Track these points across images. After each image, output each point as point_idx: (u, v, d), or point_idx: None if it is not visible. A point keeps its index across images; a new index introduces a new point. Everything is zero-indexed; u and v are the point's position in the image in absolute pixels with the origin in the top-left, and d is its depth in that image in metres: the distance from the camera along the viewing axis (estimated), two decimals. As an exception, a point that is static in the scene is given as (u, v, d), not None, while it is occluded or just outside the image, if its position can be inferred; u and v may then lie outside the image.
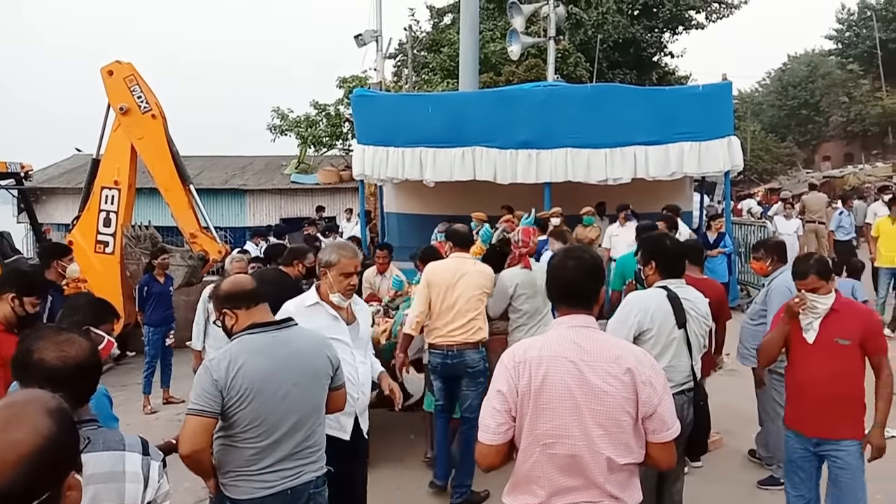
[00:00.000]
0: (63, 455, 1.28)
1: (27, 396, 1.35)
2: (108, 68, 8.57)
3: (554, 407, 2.20)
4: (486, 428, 2.26)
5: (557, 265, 2.44)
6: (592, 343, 2.28)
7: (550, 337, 2.34)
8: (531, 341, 2.36)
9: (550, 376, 2.21)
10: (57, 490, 1.26)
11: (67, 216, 15.33)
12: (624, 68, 24.68)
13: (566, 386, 2.20)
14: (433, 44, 24.06)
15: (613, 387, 2.20)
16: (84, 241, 8.64)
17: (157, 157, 8.57)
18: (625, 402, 2.20)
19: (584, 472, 2.20)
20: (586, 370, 2.21)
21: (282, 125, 21.12)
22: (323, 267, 3.47)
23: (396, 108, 11.11)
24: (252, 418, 2.63)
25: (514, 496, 2.34)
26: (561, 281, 2.40)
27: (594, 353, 2.25)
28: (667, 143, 9.84)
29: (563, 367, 2.22)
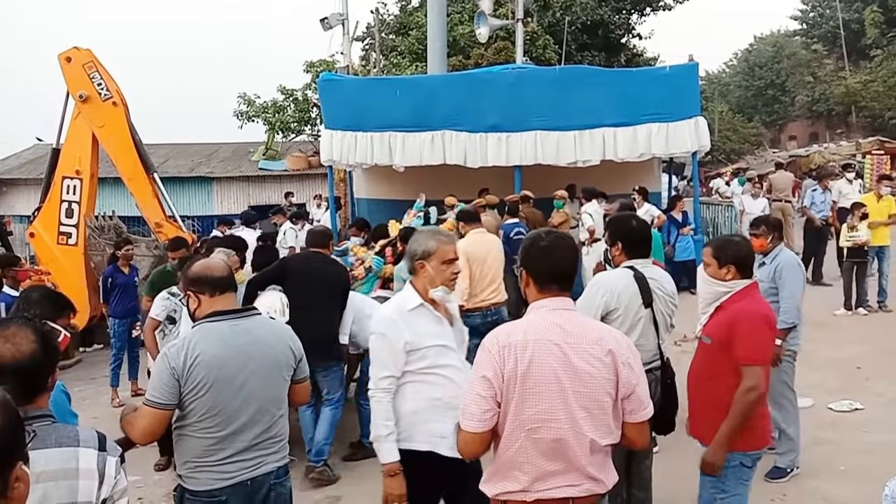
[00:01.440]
0: (9, 445, 1.27)
1: None
2: (66, 55, 8.34)
3: (540, 391, 2.19)
4: (471, 415, 2.23)
5: (549, 247, 2.37)
6: (575, 325, 2.28)
7: (533, 320, 2.31)
8: (513, 325, 2.34)
9: (537, 360, 2.20)
10: (3, 481, 1.25)
11: (29, 207, 14.97)
12: (592, 50, 24.69)
13: (552, 369, 2.19)
14: (401, 27, 23.85)
15: (596, 369, 2.21)
16: (46, 232, 8.45)
17: (119, 145, 8.38)
18: (606, 384, 2.22)
19: (567, 455, 2.21)
20: (570, 353, 2.21)
21: (249, 111, 20.81)
22: (419, 259, 3.00)
23: (364, 92, 11.00)
24: (209, 408, 2.59)
25: (494, 483, 2.32)
26: (552, 263, 2.35)
27: (577, 335, 2.25)
28: (634, 124, 9.89)
29: (549, 350, 2.21)
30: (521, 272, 2.43)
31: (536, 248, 2.39)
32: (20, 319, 2.01)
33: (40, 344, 1.92)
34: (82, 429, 1.96)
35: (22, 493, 1.30)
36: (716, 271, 3.29)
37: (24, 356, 1.87)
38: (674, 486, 4.26)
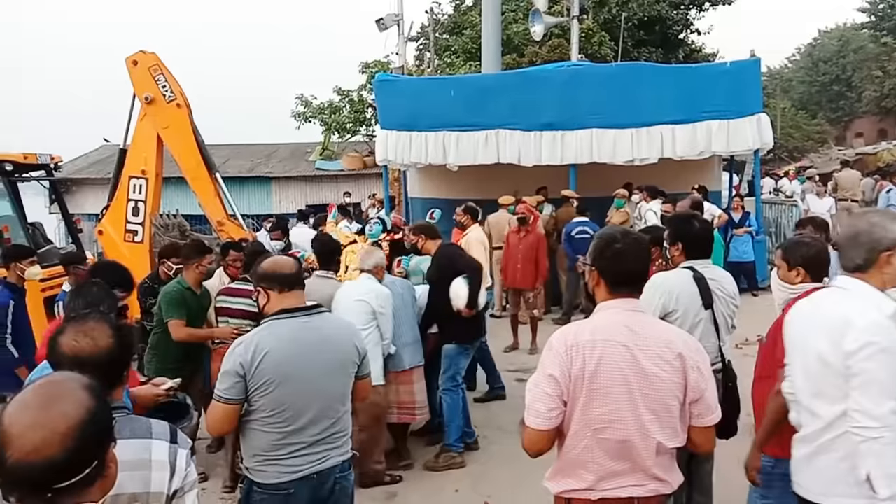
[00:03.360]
0: (105, 427, 1.36)
1: (62, 376, 1.43)
2: (133, 58, 8.61)
3: (608, 392, 2.19)
4: (538, 413, 2.24)
5: (625, 249, 2.34)
6: (644, 328, 2.27)
7: (601, 321, 2.30)
8: (580, 325, 2.34)
9: (605, 361, 2.20)
10: (103, 460, 1.33)
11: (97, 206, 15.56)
12: (649, 46, 24.28)
13: (620, 370, 2.20)
14: (455, 26, 23.89)
15: (665, 372, 2.21)
16: (113, 230, 8.74)
17: (183, 145, 8.61)
18: (675, 387, 2.22)
19: (632, 456, 2.21)
20: (639, 355, 2.20)
21: (306, 112, 21.19)
22: (885, 249, 2.33)
23: (419, 92, 11.09)
24: (277, 404, 2.65)
25: (559, 481, 2.33)
26: (625, 266, 2.34)
27: (646, 337, 2.24)
28: (694, 121, 9.72)
29: (617, 351, 2.21)
30: (591, 272, 2.40)
31: (611, 249, 2.36)
32: (98, 315, 2.11)
33: (117, 339, 2.01)
34: (155, 422, 2.03)
35: (114, 473, 1.38)
36: (786, 273, 3.15)
37: (102, 350, 1.96)
38: (732, 492, 4.16)
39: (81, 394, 1.34)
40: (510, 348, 8.24)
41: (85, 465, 1.28)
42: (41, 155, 9.39)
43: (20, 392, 1.36)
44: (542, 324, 8.71)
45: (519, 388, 7.06)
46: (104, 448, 1.35)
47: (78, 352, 1.94)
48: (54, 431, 1.25)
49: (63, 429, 1.26)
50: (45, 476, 1.24)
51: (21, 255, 5.88)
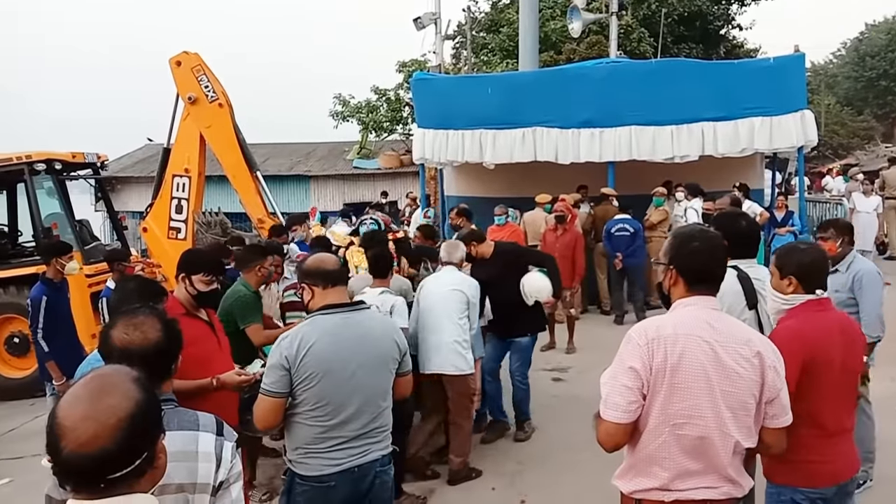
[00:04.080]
0: (153, 419, 1.39)
1: (111, 369, 1.46)
2: (177, 59, 8.80)
3: (689, 386, 2.18)
4: (616, 406, 2.22)
5: (703, 248, 2.34)
6: (723, 324, 2.26)
7: (681, 316, 2.29)
8: (660, 319, 2.32)
9: (687, 355, 2.18)
10: (152, 451, 1.36)
11: (140, 204, 15.92)
12: (690, 43, 23.90)
13: (701, 365, 2.18)
14: (492, 24, 23.84)
15: (745, 369, 2.19)
16: (157, 227, 8.95)
17: (224, 144, 8.77)
18: (753, 386, 2.20)
19: (708, 454, 2.19)
20: (720, 351, 2.19)
21: (343, 111, 21.37)
22: None
23: (455, 90, 11.10)
24: (320, 398, 2.69)
25: (630, 479, 2.30)
26: (704, 264, 2.33)
27: (726, 334, 2.23)
28: (736, 118, 9.54)
29: (699, 346, 2.19)
30: (668, 271, 2.39)
31: (689, 248, 2.36)
32: (147, 309, 2.16)
33: (165, 332, 2.06)
34: (201, 414, 2.06)
35: (163, 464, 1.41)
36: (777, 282, 2.94)
37: (151, 343, 2.01)
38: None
39: (130, 386, 1.37)
40: (547, 347, 8.21)
41: (135, 456, 1.31)
42: (88, 154, 9.65)
43: (72, 385, 1.40)
44: (579, 323, 8.65)
45: (554, 387, 7.04)
46: (153, 440, 1.38)
47: (128, 344, 2.00)
48: (105, 424, 1.28)
49: (113, 421, 1.29)
50: (97, 467, 1.28)
51: (60, 251, 6.06)
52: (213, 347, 3.42)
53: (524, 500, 4.77)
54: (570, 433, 5.77)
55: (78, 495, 1.30)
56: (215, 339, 3.47)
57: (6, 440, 7.03)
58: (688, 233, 2.43)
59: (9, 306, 8.22)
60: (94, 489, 1.29)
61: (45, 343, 5.71)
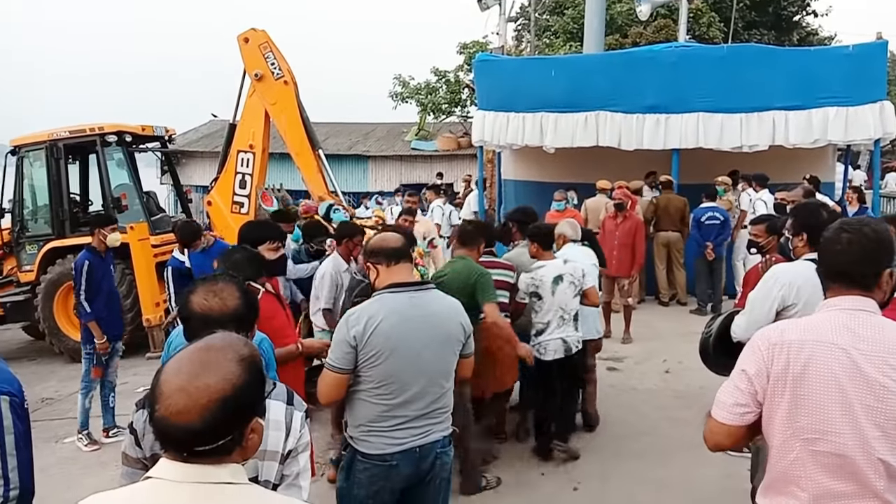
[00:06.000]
0: (248, 402, 1.37)
1: (223, 342, 1.42)
2: (245, 35, 8.90)
3: (818, 399, 1.95)
4: (722, 405, 2.07)
5: (830, 238, 2.10)
6: (871, 330, 1.95)
7: (815, 319, 2.05)
8: (791, 322, 2.12)
9: (814, 363, 1.95)
10: (241, 433, 1.36)
11: (204, 178, 16.31)
12: (761, 28, 23.09)
13: (833, 376, 1.93)
14: (557, 6, 23.48)
15: (894, 382, 1.89)
16: (222, 201, 9.12)
17: (288, 122, 8.85)
18: None
19: (857, 476, 1.92)
20: (861, 360, 1.91)
21: (403, 92, 21.41)
22: None
23: (519, 72, 10.98)
24: (385, 376, 2.69)
25: (770, 498, 2.10)
26: (831, 256, 2.08)
27: (873, 341, 1.93)
28: (810, 107, 9.19)
29: (831, 354, 1.94)
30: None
31: (822, 239, 2.15)
32: (227, 276, 2.21)
33: (244, 299, 2.10)
34: (274, 383, 2.10)
35: (255, 443, 1.41)
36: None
37: (229, 309, 2.05)
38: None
39: (234, 368, 1.35)
40: (602, 336, 8.09)
41: (220, 436, 1.32)
42: (157, 127, 9.91)
43: (182, 350, 1.41)
44: (636, 313, 8.50)
45: (609, 376, 6.94)
46: (243, 422, 1.36)
47: (207, 310, 2.05)
48: (196, 401, 1.29)
49: (203, 401, 1.29)
50: (182, 437, 1.30)
51: (103, 223, 6.27)
52: (284, 320, 3.50)
53: (577, 487, 4.74)
54: (624, 423, 5.70)
55: (167, 454, 1.34)
56: (284, 313, 3.54)
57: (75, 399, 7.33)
58: (836, 224, 2.16)
59: (79, 273, 8.54)
60: (180, 455, 1.32)
61: (87, 304, 5.90)
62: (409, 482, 2.78)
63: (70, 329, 8.79)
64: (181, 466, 1.32)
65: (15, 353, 9.53)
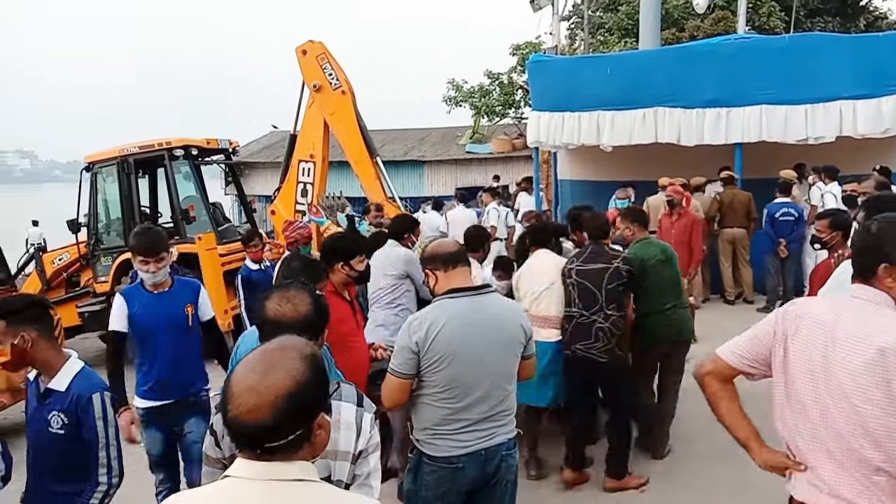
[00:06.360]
0: (313, 398, 1.44)
1: (286, 342, 1.51)
2: (303, 48, 9.16)
3: (794, 375, 2.14)
4: (732, 344, 2.29)
5: (860, 231, 2.21)
6: (864, 315, 2.02)
7: (833, 299, 2.22)
8: (818, 298, 2.36)
9: (799, 337, 2.11)
10: (308, 428, 1.43)
11: (267, 188, 16.73)
12: (825, 16, 22.29)
13: (807, 353, 2.08)
14: (610, 2, 23.20)
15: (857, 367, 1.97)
16: (284, 210, 9.39)
17: (347, 131, 9.06)
18: (869, 389, 1.95)
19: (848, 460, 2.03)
20: (834, 345, 2.03)
21: (457, 96, 21.51)
22: None
23: (573, 71, 10.92)
24: (448, 381, 2.74)
25: (791, 482, 2.25)
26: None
27: (852, 324, 2.01)
28: (879, 96, 8.83)
29: (813, 329, 2.09)
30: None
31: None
32: (299, 284, 2.32)
33: (314, 306, 2.20)
34: (344, 385, 2.19)
35: (323, 439, 1.48)
36: None
37: (301, 315, 2.16)
38: None
39: (297, 365, 1.42)
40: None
41: (289, 432, 1.39)
42: (221, 140, 10.23)
43: (249, 353, 1.49)
44: (700, 312, 8.29)
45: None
46: (310, 418, 1.43)
47: (280, 316, 2.15)
48: (264, 399, 1.36)
49: (271, 398, 1.36)
50: (255, 434, 1.37)
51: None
52: (354, 326, 3.62)
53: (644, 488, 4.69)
54: (683, 425, 5.60)
55: (242, 453, 1.42)
56: (355, 320, 3.65)
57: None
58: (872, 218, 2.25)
59: (153, 283, 8.87)
60: (253, 452, 1.39)
61: None
62: (475, 484, 2.82)
63: (144, 337, 9.15)
64: (254, 464, 1.39)
65: (92, 360, 9.80)
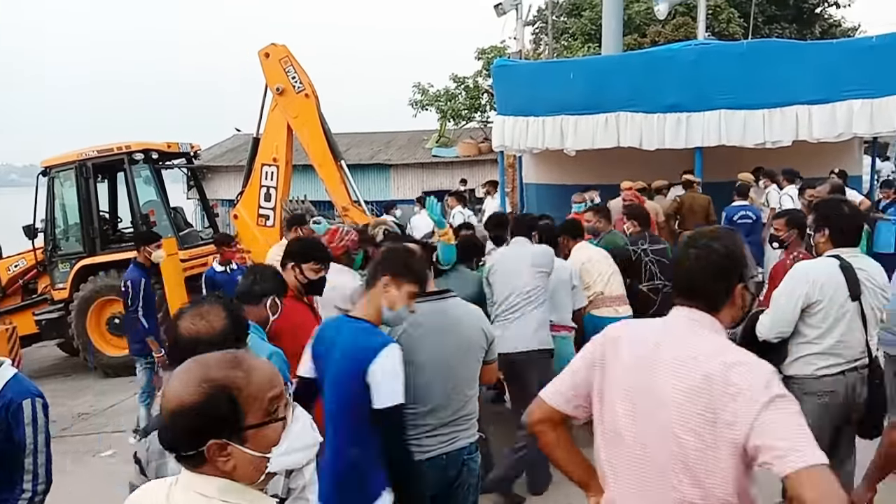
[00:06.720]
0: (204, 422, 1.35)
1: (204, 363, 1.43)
2: (265, 51, 9.06)
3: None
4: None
5: (678, 253, 1.98)
6: (674, 337, 1.85)
7: (658, 320, 1.97)
8: (632, 322, 2.07)
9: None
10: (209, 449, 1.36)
11: (230, 192, 16.53)
12: (782, 22, 22.85)
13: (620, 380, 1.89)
14: (574, 8, 23.46)
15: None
16: (247, 214, 9.27)
17: (311, 134, 8.98)
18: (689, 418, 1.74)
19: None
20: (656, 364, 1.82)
21: (422, 100, 21.50)
22: None
23: (537, 76, 10.99)
24: (409, 386, 2.70)
25: None
26: (675, 272, 1.96)
27: (673, 348, 1.82)
28: (833, 101, 9.05)
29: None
30: None
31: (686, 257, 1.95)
32: (214, 298, 2.23)
33: (230, 319, 2.11)
34: None
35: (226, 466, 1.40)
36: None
37: (217, 331, 2.06)
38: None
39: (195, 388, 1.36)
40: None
41: (189, 447, 1.36)
42: (182, 144, 10.10)
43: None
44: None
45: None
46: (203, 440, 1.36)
47: (194, 333, 2.06)
48: (168, 410, 1.37)
49: (172, 408, 1.36)
50: (166, 443, 1.40)
51: (148, 240, 6.58)
52: None
53: None
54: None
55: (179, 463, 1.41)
56: (316, 324, 3.59)
57: (110, 414, 7.50)
58: (686, 238, 2.06)
59: (110, 289, 8.71)
60: (181, 460, 1.39)
61: (145, 320, 6.12)
62: (437, 489, 2.81)
63: (103, 344, 8.98)
64: (183, 472, 1.41)
65: (50, 369, 9.76)
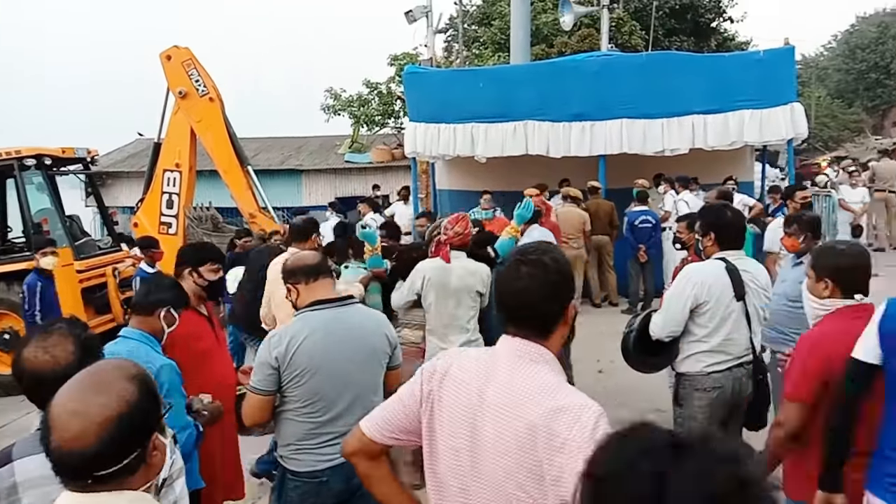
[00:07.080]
0: (145, 418, 1.37)
1: (110, 364, 1.44)
2: (167, 53, 8.79)
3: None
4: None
5: (505, 271, 1.72)
6: (499, 376, 1.68)
7: (486, 354, 1.77)
8: (461, 353, 1.84)
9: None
10: (143, 451, 1.35)
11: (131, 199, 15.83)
12: (681, 35, 23.93)
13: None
14: (484, 17, 23.80)
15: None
16: (148, 222, 8.94)
17: (215, 139, 8.76)
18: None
19: None
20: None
21: (335, 105, 21.28)
22: None
23: (447, 84, 11.10)
24: (310, 394, 2.69)
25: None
26: (504, 293, 1.72)
27: (497, 391, 1.67)
28: (726, 111, 9.58)
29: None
30: None
31: (498, 272, 1.92)
32: (63, 327, 2.00)
33: (78, 354, 1.91)
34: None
35: (158, 461, 1.41)
36: (813, 285, 2.71)
37: (61, 367, 1.85)
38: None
39: (124, 385, 1.34)
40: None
41: (123, 456, 1.30)
42: (78, 149, 9.61)
43: (70, 379, 1.39)
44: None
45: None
46: (144, 439, 1.35)
47: (36, 367, 1.88)
48: (92, 422, 1.27)
49: (100, 420, 1.27)
50: (82, 463, 1.27)
51: (40, 246, 6.72)
52: (212, 342, 3.45)
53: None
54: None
55: (68, 487, 1.31)
56: (214, 335, 3.49)
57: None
58: (516, 253, 1.82)
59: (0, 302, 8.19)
60: (83, 484, 1.29)
61: None
62: (340, 497, 2.78)
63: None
64: (80, 498, 1.30)
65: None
